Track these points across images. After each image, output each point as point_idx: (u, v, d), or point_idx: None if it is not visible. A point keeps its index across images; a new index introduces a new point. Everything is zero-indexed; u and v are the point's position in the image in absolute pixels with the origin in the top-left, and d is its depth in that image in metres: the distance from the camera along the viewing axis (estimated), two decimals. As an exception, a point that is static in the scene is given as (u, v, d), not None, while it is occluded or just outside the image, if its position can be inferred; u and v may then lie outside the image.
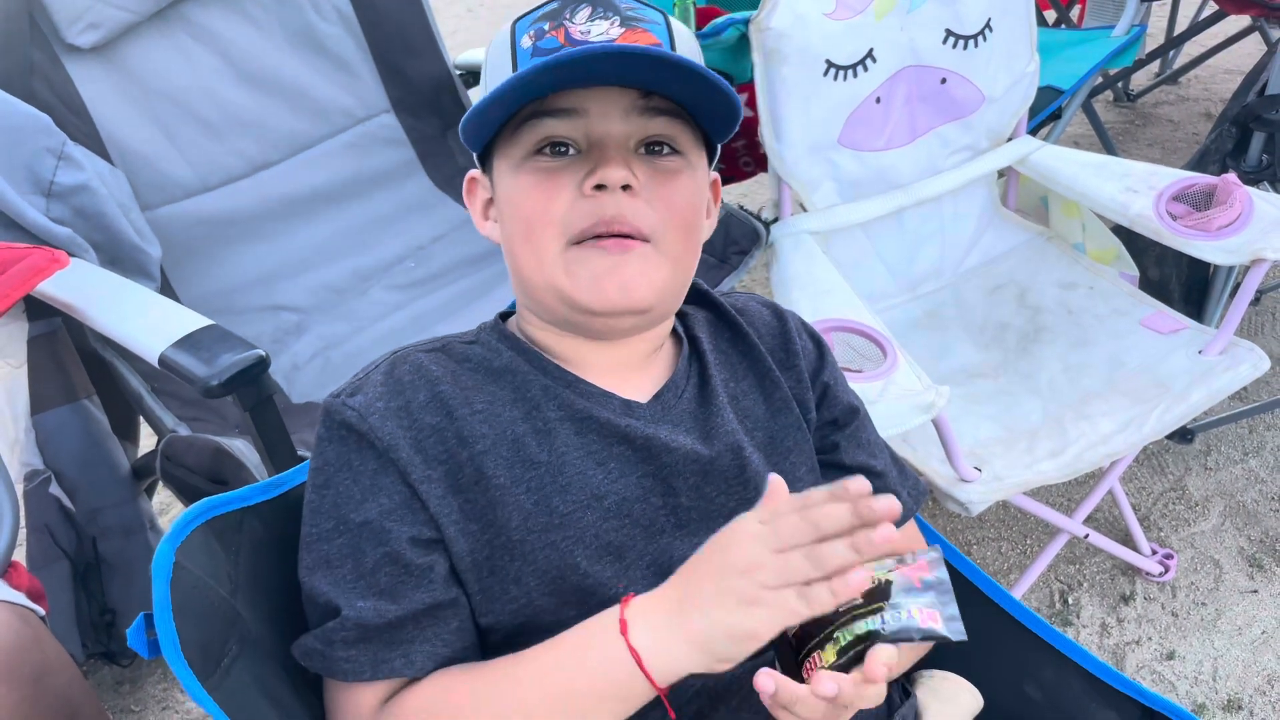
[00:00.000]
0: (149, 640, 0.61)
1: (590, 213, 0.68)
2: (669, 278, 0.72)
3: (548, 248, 0.70)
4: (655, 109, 0.70)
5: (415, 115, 1.85)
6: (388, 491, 0.68)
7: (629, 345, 0.76)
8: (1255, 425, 1.89)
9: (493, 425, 0.71)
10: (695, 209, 0.73)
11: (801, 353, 0.82)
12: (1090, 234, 1.70)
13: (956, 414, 1.34)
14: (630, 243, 0.69)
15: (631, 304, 0.70)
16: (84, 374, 1.42)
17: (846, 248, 1.62)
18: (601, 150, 0.69)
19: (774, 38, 1.42)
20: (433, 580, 0.68)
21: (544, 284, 0.71)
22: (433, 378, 0.72)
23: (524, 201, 0.70)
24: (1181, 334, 1.49)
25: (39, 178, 1.34)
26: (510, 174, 0.72)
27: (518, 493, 0.69)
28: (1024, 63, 1.65)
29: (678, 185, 0.71)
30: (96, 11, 1.49)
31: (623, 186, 0.68)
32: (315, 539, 0.69)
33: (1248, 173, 1.77)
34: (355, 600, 0.66)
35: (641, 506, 0.72)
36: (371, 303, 1.72)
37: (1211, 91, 3.07)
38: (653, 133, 0.70)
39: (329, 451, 0.70)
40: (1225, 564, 1.63)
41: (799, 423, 0.80)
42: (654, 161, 0.71)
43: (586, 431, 0.72)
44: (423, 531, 0.68)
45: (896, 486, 0.84)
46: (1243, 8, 2.16)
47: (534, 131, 0.70)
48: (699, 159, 0.74)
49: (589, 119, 0.69)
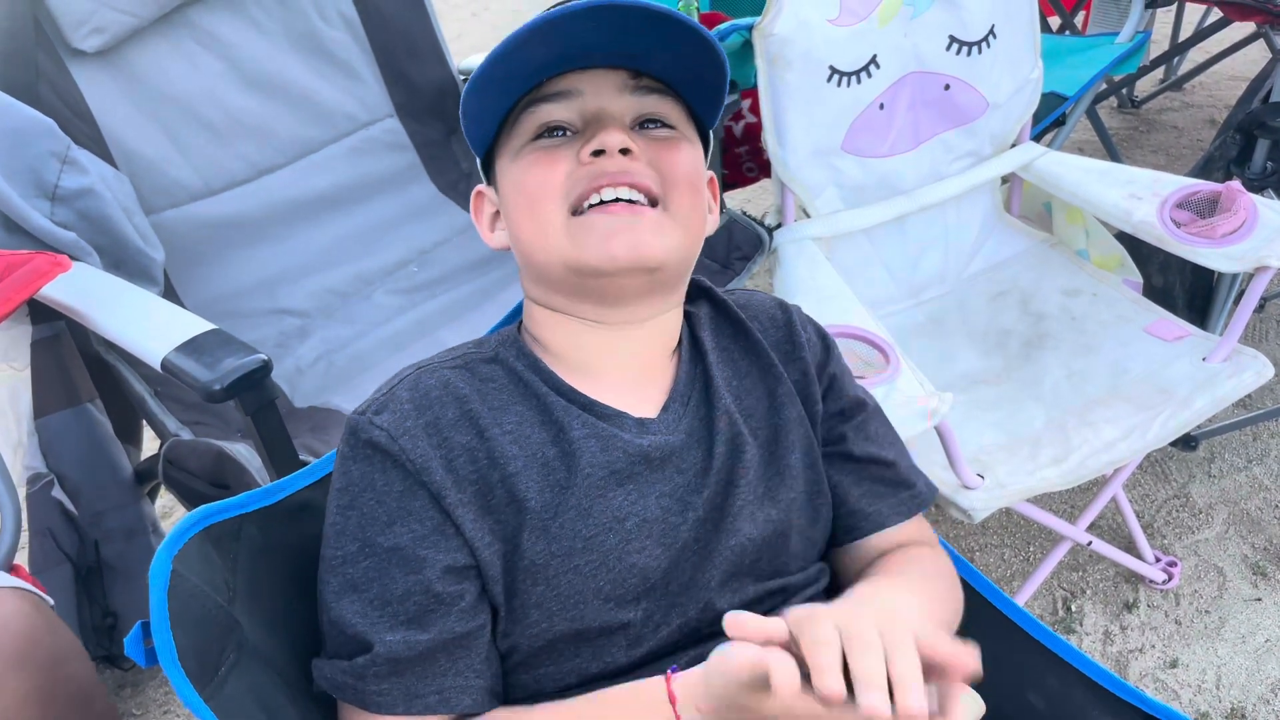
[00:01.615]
0: (146, 648, 0.61)
1: (591, 174, 0.70)
2: (680, 239, 0.72)
3: (552, 219, 0.70)
4: (646, 87, 0.72)
5: (419, 120, 1.85)
6: (418, 516, 0.67)
7: (644, 341, 0.76)
8: (1259, 432, 1.89)
9: (523, 446, 0.71)
10: (697, 174, 0.74)
11: (806, 345, 0.82)
12: (1094, 241, 1.70)
13: (959, 420, 1.34)
14: (640, 209, 0.70)
15: (642, 260, 0.70)
16: (87, 378, 1.42)
17: (849, 253, 1.62)
18: (598, 123, 0.71)
19: (778, 44, 1.42)
20: (463, 608, 0.68)
21: (551, 256, 0.71)
22: (461, 395, 0.72)
23: (525, 179, 0.72)
24: (1185, 341, 1.48)
25: (43, 182, 1.35)
26: (511, 162, 0.73)
27: (546, 516, 0.69)
28: (1028, 69, 1.65)
29: (678, 152, 0.73)
30: (101, 16, 1.49)
31: (621, 151, 0.70)
32: (340, 562, 0.68)
33: (1252, 180, 1.76)
34: (384, 633, 0.66)
35: (660, 526, 0.72)
36: (375, 307, 1.72)
37: (1216, 98, 3.06)
38: (646, 110, 0.72)
39: (354, 471, 0.69)
40: (1229, 572, 1.63)
41: (801, 418, 0.80)
42: (650, 134, 0.73)
43: (610, 450, 0.72)
44: (457, 559, 0.68)
45: (910, 475, 0.84)
46: (1247, 15, 2.15)
47: (532, 118, 0.71)
48: (693, 137, 0.75)
49: (583, 98, 0.71)
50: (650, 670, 0.70)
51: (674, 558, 0.72)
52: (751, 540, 0.75)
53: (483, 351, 0.76)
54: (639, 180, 0.70)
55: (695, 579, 0.73)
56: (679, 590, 0.72)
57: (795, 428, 0.79)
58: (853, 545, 0.83)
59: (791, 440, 0.79)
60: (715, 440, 0.75)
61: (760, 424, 0.79)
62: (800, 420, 0.80)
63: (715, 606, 0.73)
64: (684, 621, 0.72)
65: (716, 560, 0.73)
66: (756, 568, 0.76)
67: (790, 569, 0.78)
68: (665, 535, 0.72)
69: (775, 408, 0.79)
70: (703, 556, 0.73)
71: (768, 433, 0.78)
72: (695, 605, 0.72)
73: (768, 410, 0.79)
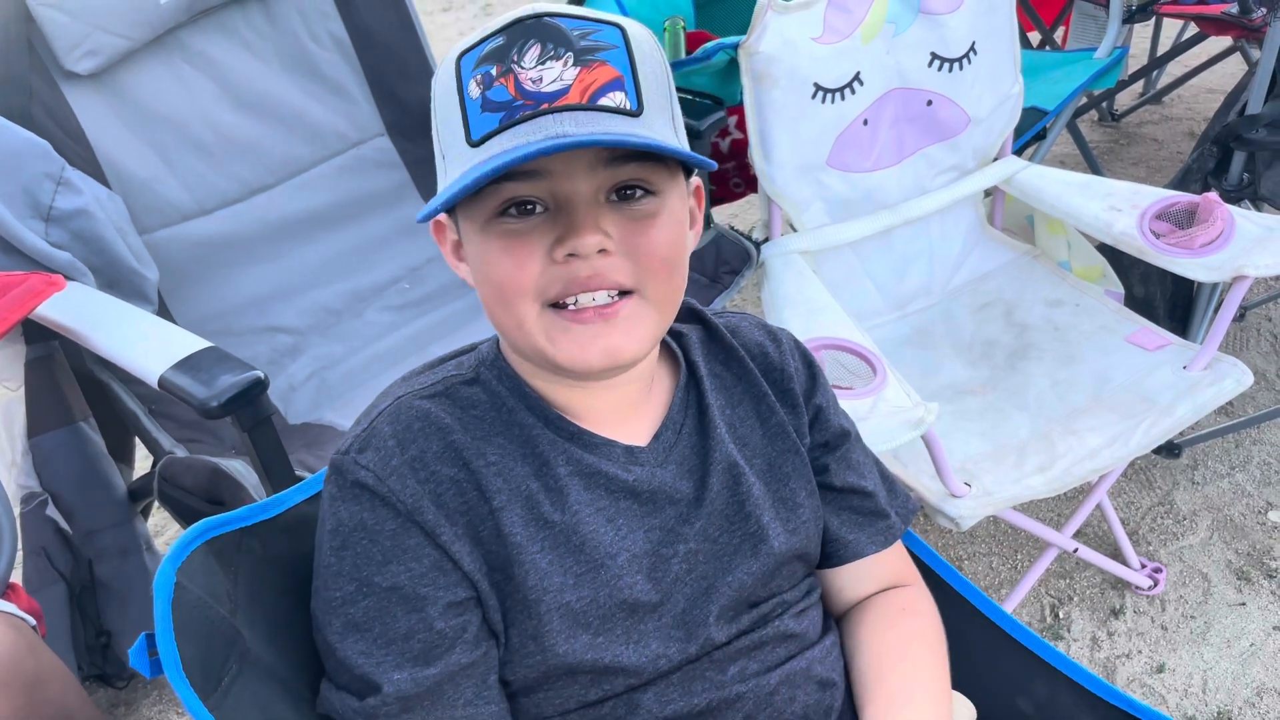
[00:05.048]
0: (151, 660, 0.62)
1: (563, 277, 0.65)
2: (655, 325, 0.69)
3: (526, 314, 0.66)
4: (622, 156, 0.65)
5: (409, 138, 1.87)
6: (414, 554, 0.67)
7: (623, 388, 0.74)
8: (1241, 440, 1.92)
9: (507, 480, 0.70)
10: (677, 248, 0.69)
11: (795, 375, 0.82)
12: (1075, 252, 1.73)
13: (946, 430, 1.36)
14: (611, 309, 0.66)
15: (616, 363, 0.68)
16: (80, 396, 1.43)
17: (836, 267, 1.64)
18: (569, 211, 0.64)
19: (763, 61, 1.44)
20: (466, 639, 0.68)
21: (526, 345, 0.68)
22: (443, 426, 0.70)
23: (494, 268, 0.66)
24: (1166, 350, 1.51)
25: (38, 203, 1.36)
26: (477, 234, 0.67)
27: (533, 551, 0.69)
28: (1009, 84, 1.68)
29: (655, 229, 0.67)
30: (95, 39, 1.51)
31: (598, 250, 0.65)
32: (340, 603, 0.68)
33: (1229, 191, 1.79)
34: (391, 672, 0.66)
35: (651, 560, 0.72)
36: (366, 324, 1.74)
37: (1194, 111, 3.11)
38: (622, 179, 0.66)
39: (342, 512, 0.68)
40: (1213, 577, 1.65)
41: (796, 447, 0.80)
42: (627, 209, 0.66)
43: (594, 487, 0.72)
44: (457, 593, 0.68)
45: (886, 506, 0.85)
46: (1224, 29, 2.19)
47: (497, 194, 0.65)
48: (675, 188, 0.69)
49: (553, 179, 0.64)
50: (650, 697, 0.72)
51: (665, 591, 0.72)
52: (752, 575, 0.75)
53: (462, 374, 0.74)
54: (613, 280, 0.66)
55: (690, 613, 0.73)
56: (672, 624, 0.73)
57: (791, 458, 0.79)
58: (831, 570, 0.84)
59: (788, 470, 0.79)
60: (709, 471, 0.75)
61: (755, 454, 0.78)
62: (795, 450, 0.80)
63: (713, 639, 0.74)
64: (682, 652, 0.73)
65: (714, 596, 0.74)
66: (754, 596, 0.77)
67: (784, 588, 0.79)
68: (655, 569, 0.72)
69: (770, 437, 0.79)
70: (699, 590, 0.73)
71: (763, 463, 0.78)
72: (694, 641, 0.73)
73: (762, 439, 0.79)
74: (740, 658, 0.75)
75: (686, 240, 0.72)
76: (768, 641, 0.76)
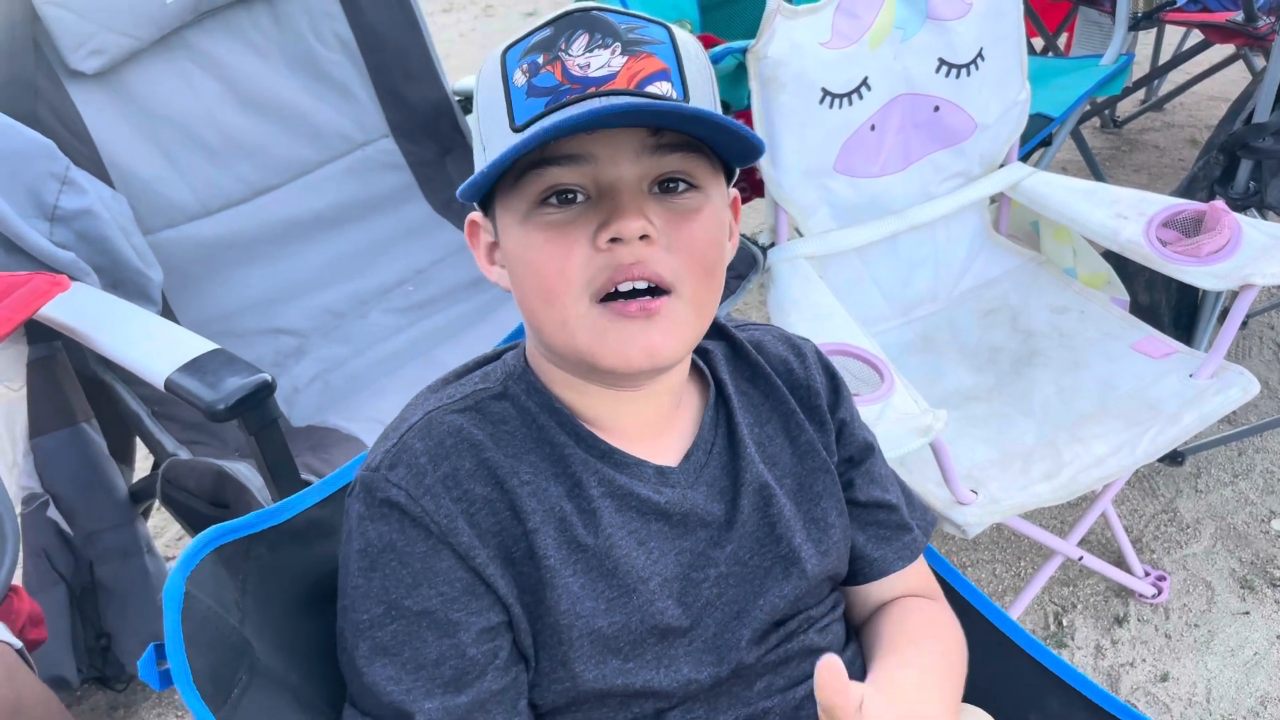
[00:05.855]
0: (160, 671, 0.61)
1: (608, 265, 0.64)
2: (693, 328, 0.68)
3: (570, 310, 0.65)
4: (668, 145, 0.64)
5: (414, 140, 1.86)
6: (445, 578, 0.66)
7: (654, 400, 0.73)
8: (1245, 448, 1.91)
9: (540, 500, 0.69)
10: (717, 245, 0.69)
11: (820, 390, 0.81)
12: (1081, 259, 1.73)
13: (952, 437, 1.36)
14: (654, 304, 0.65)
15: (655, 364, 0.67)
16: (83, 397, 1.42)
17: (842, 272, 1.64)
18: (613, 197, 0.64)
19: (771, 66, 1.44)
20: (498, 665, 0.67)
21: (568, 344, 0.67)
22: (475, 442, 0.69)
23: (537, 261, 0.65)
24: (1172, 358, 1.51)
25: (42, 202, 1.35)
26: (517, 227, 0.66)
27: (566, 574, 0.68)
28: (1015, 91, 1.67)
29: (697, 224, 0.66)
30: (100, 38, 1.50)
31: (640, 236, 0.64)
32: (368, 625, 0.66)
33: (1235, 199, 1.79)
34: (423, 701, 0.65)
35: (682, 585, 0.71)
36: (371, 326, 1.73)
37: (1196, 118, 3.11)
38: (666, 170, 0.65)
39: (371, 531, 0.67)
40: (1217, 586, 1.65)
41: (826, 465, 0.79)
42: (670, 201, 0.66)
43: (626, 509, 0.71)
44: (490, 618, 0.67)
45: (908, 519, 0.84)
46: (1229, 37, 2.19)
47: (538, 180, 0.64)
48: (717, 187, 0.68)
49: (597, 164, 0.63)
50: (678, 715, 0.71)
51: (695, 616, 0.71)
52: (784, 598, 0.74)
53: (490, 387, 0.72)
54: (653, 271, 0.65)
55: (722, 637, 0.72)
56: (703, 648, 0.72)
57: (822, 476, 0.78)
58: (856, 588, 0.83)
59: (819, 490, 0.78)
60: (740, 492, 0.74)
61: (786, 473, 0.77)
62: (825, 468, 0.79)
63: (744, 661, 0.73)
64: (714, 676, 0.72)
65: (746, 620, 0.73)
66: (782, 615, 0.76)
67: (810, 604, 0.78)
68: (685, 593, 0.71)
69: (799, 456, 0.78)
70: (729, 614, 0.73)
71: (794, 482, 0.77)
72: (726, 664, 0.72)
73: (792, 458, 0.78)
74: (767, 673, 0.75)
75: (726, 247, 0.71)
76: (793, 657, 0.76)
